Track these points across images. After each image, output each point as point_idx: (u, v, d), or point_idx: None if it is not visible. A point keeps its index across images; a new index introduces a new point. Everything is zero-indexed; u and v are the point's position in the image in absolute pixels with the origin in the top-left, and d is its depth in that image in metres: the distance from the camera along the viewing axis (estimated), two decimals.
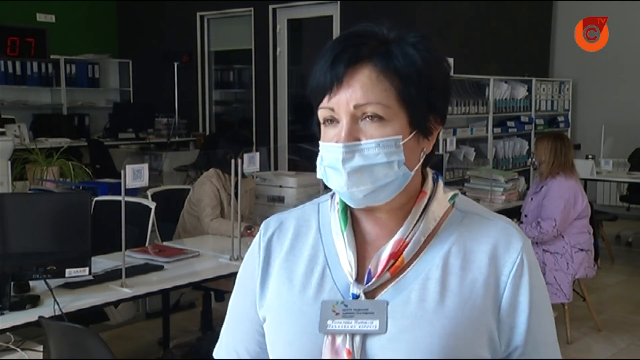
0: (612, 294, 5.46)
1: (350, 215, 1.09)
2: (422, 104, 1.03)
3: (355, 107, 1.00)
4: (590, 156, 6.75)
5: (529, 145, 7.62)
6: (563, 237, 4.23)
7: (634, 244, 6.99)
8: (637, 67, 7.95)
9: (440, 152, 5.46)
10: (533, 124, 7.74)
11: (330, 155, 1.02)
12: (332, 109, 1.02)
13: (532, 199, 4.40)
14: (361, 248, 1.07)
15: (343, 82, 1.01)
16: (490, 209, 1.16)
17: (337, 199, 1.11)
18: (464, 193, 5.18)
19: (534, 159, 4.46)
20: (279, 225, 1.15)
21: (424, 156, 1.06)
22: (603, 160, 6.70)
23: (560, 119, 8.25)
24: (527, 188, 5.49)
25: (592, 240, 4.37)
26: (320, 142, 1.05)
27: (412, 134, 1.03)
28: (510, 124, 7.50)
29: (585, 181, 5.95)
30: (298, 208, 1.18)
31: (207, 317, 4.13)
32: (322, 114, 1.04)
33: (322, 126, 1.05)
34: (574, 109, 8.48)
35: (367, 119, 1.01)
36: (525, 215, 4.40)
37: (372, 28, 1.05)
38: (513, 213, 4.68)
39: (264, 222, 1.17)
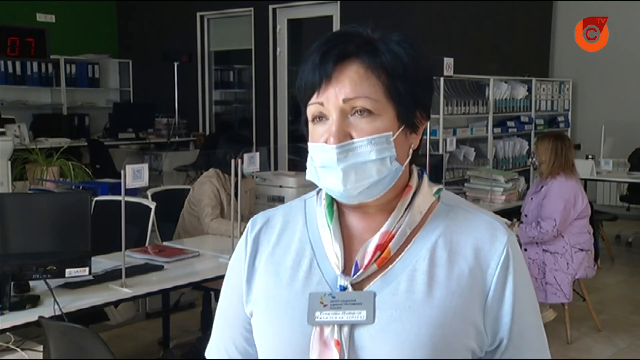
0: (612, 294, 5.46)
1: (336, 210, 1.11)
2: (409, 98, 1.05)
3: (345, 101, 1.02)
4: (590, 156, 6.74)
5: (529, 145, 7.61)
6: (563, 237, 4.23)
7: (634, 244, 6.99)
8: (637, 67, 7.95)
9: (440, 152, 5.46)
10: (533, 124, 7.74)
11: (322, 155, 1.04)
12: (321, 104, 1.03)
13: (532, 198, 4.40)
14: (348, 241, 1.08)
15: (332, 78, 1.02)
16: (490, 209, 1.17)
17: (323, 194, 1.12)
18: (464, 193, 5.21)
19: (534, 159, 4.45)
20: (266, 221, 1.16)
21: (412, 152, 1.08)
22: (603, 160, 6.69)
23: (560, 119, 8.25)
24: (527, 188, 5.48)
25: (592, 240, 4.37)
26: (310, 143, 1.06)
27: (401, 129, 1.05)
28: (510, 124, 7.49)
29: (585, 181, 5.94)
30: (285, 205, 1.20)
31: (207, 317, 4.13)
32: (311, 110, 1.05)
33: (310, 124, 1.07)
34: (574, 109, 8.47)
35: (357, 114, 1.02)
36: (526, 215, 4.40)
37: (356, 29, 1.07)
38: (513, 213, 4.68)
39: (251, 219, 1.18)
